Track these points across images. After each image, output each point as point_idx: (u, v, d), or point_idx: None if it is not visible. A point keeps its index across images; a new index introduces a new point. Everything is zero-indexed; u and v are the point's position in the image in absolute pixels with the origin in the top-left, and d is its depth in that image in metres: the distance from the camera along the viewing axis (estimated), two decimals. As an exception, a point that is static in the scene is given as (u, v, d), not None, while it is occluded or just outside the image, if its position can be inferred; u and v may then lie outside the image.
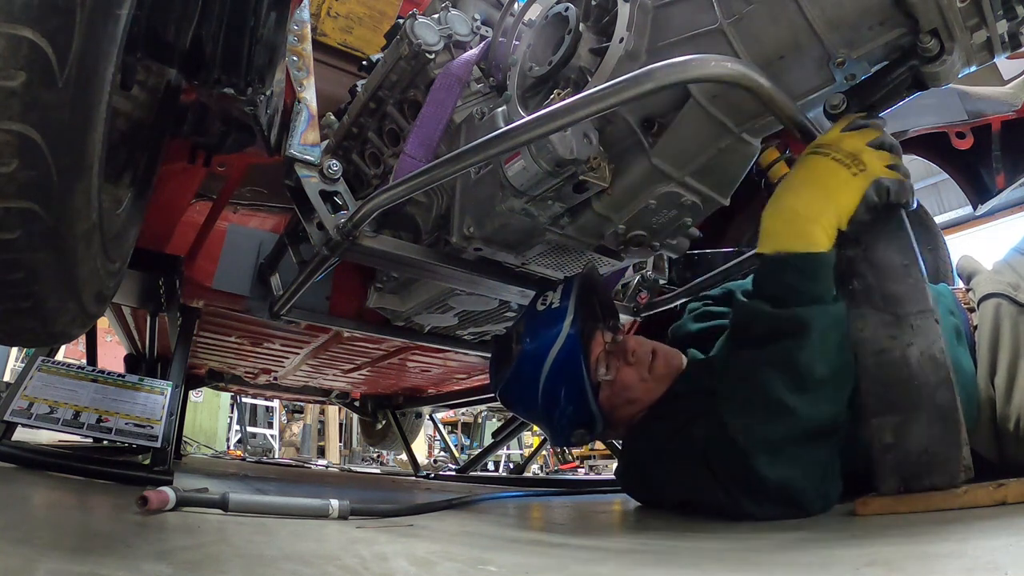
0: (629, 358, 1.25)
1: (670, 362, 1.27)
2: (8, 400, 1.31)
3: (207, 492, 1.01)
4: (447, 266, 1.31)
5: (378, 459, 6.86)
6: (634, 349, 1.26)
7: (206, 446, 5.51)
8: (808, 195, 0.89)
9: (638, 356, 1.25)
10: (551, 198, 1.10)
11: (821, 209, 0.88)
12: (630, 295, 1.76)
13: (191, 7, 0.86)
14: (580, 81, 1.05)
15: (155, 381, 1.57)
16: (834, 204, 0.87)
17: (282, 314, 1.63)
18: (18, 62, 0.53)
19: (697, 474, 1.03)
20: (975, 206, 1.74)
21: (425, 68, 1.29)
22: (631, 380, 1.24)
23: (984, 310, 1.08)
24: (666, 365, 1.26)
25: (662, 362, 1.26)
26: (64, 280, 0.72)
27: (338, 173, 1.25)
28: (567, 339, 1.22)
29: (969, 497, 0.77)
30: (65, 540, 0.66)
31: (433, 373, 2.78)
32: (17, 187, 0.58)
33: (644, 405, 1.26)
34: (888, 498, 0.85)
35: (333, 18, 1.80)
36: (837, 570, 0.60)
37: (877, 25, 0.80)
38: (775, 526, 0.90)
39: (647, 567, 0.69)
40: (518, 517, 1.45)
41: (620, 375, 1.25)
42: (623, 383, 1.24)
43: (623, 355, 1.26)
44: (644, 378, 1.25)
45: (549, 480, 3.60)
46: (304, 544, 0.75)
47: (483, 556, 0.75)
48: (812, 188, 0.89)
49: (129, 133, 1.03)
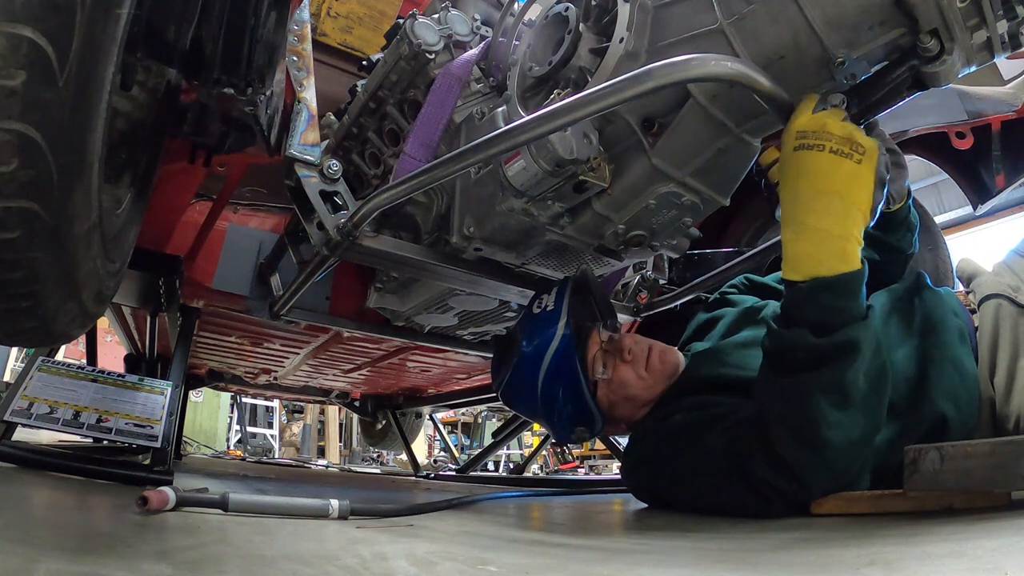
0: (625, 356, 1.26)
1: (666, 359, 1.28)
2: (8, 400, 1.31)
3: (207, 492, 1.01)
4: (447, 266, 1.31)
5: (378, 459, 6.86)
6: (630, 347, 1.26)
7: (206, 446, 5.50)
8: (827, 207, 0.84)
9: (634, 354, 1.26)
10: (551, 198, 1.10)
11: (848, 221, 0.84)
12: (630, 295, 1.76)
13: (191, 7, 0.86)
14: (580, 81, 1.05)
15: (155, 381, 1.57)
16: (857, 209, 0.84)
17: (282, 314, 1.63)
18: (18, 61, 0.53)
19: (718, 484, 1.02)
20: (975, 206, 1.74)
21: (425, 68, 1.29)
22: (628, 378, 1.25)
23: (984, 311, 1.08)
24: (662, 362, 1.27)
25: (657, 359, 1.27)
26: (64, 280, 0.72)
27: (338, 173, 1.25)
28: (562, 340, 1.23)
29: (917, 500, 0.79)
30: (65, 540, 0.66)
31: (433, 373, 2.78)
32: (17, 186, 0.58)
33: (644, 402, 1.26)
34: (841, 499, 0.89)
35: (333, 18, 1.80)
36: (837, 570, 0.60)
37: (877, 25, 0.80)
38: (775, 526, 0.90)
39: (647, 567, 0.69)
40: (518, 517, 1.45)
41: (617, 373, 1.25)
42: (620, 381, 1.25)
43: (619, 353, 1.26)
44: (641, 375, 1.26)
45: (549, 480, 3.59)
46: (304, 544, 0.75)
47: (483, 556, 0.75)
48: (828, 198, 0.84)
49: (129, 133, 1.03)
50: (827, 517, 0.89)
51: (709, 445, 1.05)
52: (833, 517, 0.89)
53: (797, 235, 0.88)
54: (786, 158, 0.87)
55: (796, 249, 0.88)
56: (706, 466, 1.04)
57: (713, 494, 1.05)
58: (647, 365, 1.26)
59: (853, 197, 0.84)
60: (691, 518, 1.08)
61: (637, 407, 1.27)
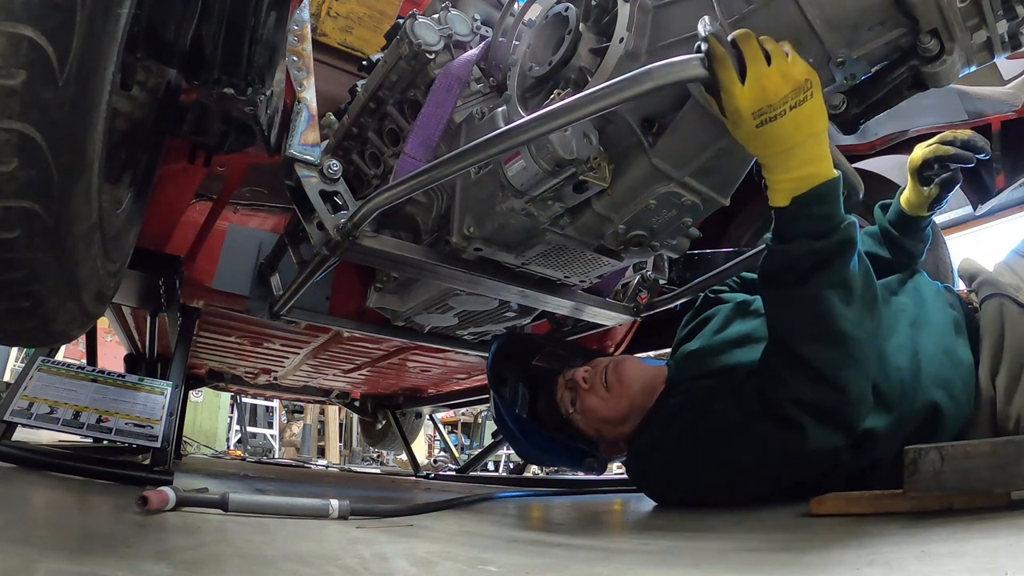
0: (582, 386, 1.32)
1: (620, 371, 1.31)
2: (8, 400, 1.31)
3: (207, 492, 1.02)
4: (447, 266, 1.31)
5: (378, 459, 6.86)
6: (583, 376, 1.33)
7: (206, 446, 5.50)
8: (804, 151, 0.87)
9: (589, 381, 1.32)
10: (551, 198, 1.10)
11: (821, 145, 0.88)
12: (630, 295, 1.76)
13: (191, 7, 0.86)
14: (580, 81, 1.04)
15: (155, 381, 1.57)
16: (823, 131, 0.87)
17: (282, 314, 1.63)
18: (18, 60, 0.52)
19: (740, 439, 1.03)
20: (975, 206, 1.74)
21: (425, 68, 1.29)
22: (592, 404, 1.31)
23: (988, 310, 1.10)
24: (616, 374, 1.31)
25: (612, 375, 1.31)
26: (64, 280, 0.72)
27: (338, 173, 1.25)
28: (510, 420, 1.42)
29: (917, 500, 0.79)
30: (65, 540, 0.66)
31: (433, 373, 2.78)
32: (17, 186, 0.58)
33: (621, 418, 1.29)
34: (841, 499, 0.89)
35: (333, 18, 1.80)
36: (837, 570, 0.60)
37: (877, 25, 0.80)
38: (775, 526, 0.90)
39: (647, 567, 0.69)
40: (518, 517, 1.45)
41: (581, 404, 1.32)
42: (586, 409, 1.32)
43: (576, 386, 1.33)
44: (603, 397, 1.30)
45: (549, 480, 3.59)
46: (304, 544, 0.75)
47: (483, 556, 0.75)
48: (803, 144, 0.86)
49: (129, 133, 1.02)
50: (827, 517, 0.89)
51: (717, 410, 1.07)
52: (833, 517, 0.89)
53: (784, 174, 0.90)
54: (749, 137, 0.86)
55: (780, 177, 0.91)
56: (721, 429, 1.06)
57: (735, 451, 1.05)
58: (606, 386, 1.30)
59: (820, 126, 0.86)
60: (691, 518, 1.08)
61: (619, 424, 1.30)
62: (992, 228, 7.53)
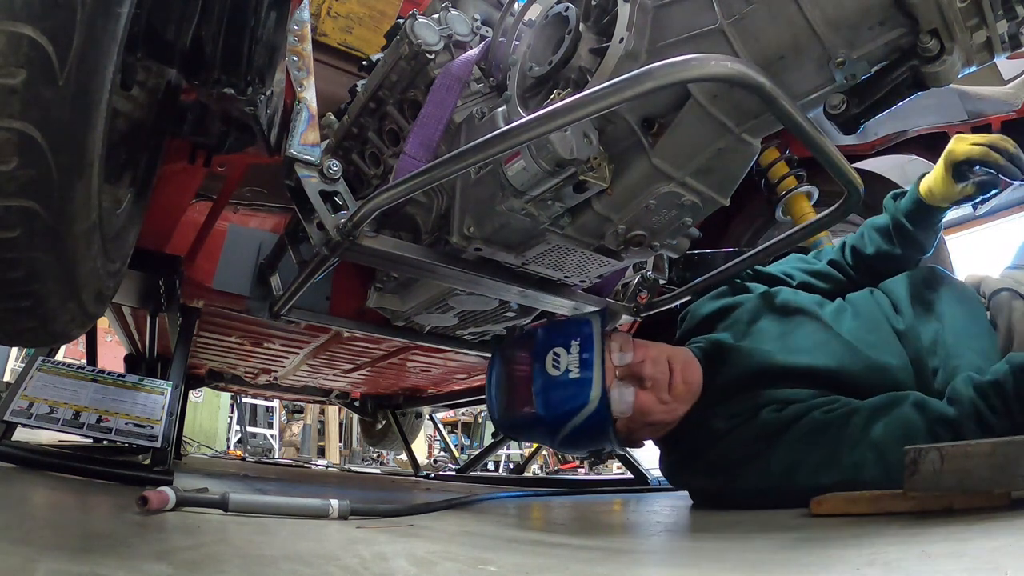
0: (646, 384, 1.19)
1: (690, 379, 1.21)
2: (8, 400, 1.31)
3: (207, 492, 1.01)
4: (447, 266, 1.31)
5: (378, 459, 6.85)
6: (650, 374, 1.19)
7: (206, 446, 5.50)
8: None
9: (655, 380, 1.19)
10: (551, 198, 1.10)
11: None
12: (630, 295, 1.76)
13: (191, 7, 0.86)
14: (580, 81, 1.04)
15: (155, 381, 1.57)
16: None
17: (282, 314, 1.63)
18: (18, 60, 0.53)
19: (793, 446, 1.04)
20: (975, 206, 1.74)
21: (425, 68, 1.29)
22: (650, 406, 1.19)
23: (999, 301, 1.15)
24: (686, 382, 1.21)
25: (681, 380, 1.20)
26: (64, 280, 0.72)
27: (338, 173, 1.25)
28: (594, 413, 1.15)
29: (917, 500, 0.79)
30: (65, 540, 0.66)
31: (433, 373, 2.78)
32: (17, 185, 0.58)
33: (666, 425, 1.22)
34: (841, 499, 0.89)
35: (333, 18, 1.80)
36: (837, 570, 0.60)
37: (877, 25, 0.80)
38: (775, 526, 0.90)
39: (647, 567, 0.69)
40: (518, 517, 1.45)
41: (638, 403, 1.18)
42: (642, 410, 1.18)
43: (638, 381, 1.19)
44: (664, 400, 1.19)
45: (549, 480, 3.59)
46: (304, 544, 0.75)
47: (483, 556, 0.75)
48: None
49: (129, 133, 1.03)
50: (827, 517, 0.89)
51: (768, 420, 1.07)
52: (833, 517, 0.89)
53: None
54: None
55: None
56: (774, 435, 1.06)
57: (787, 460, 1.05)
58: (671, 389, 1.19)
59: None
60: (690, 518, 1.08)
61: (659, 430, 1.23)
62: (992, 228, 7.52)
